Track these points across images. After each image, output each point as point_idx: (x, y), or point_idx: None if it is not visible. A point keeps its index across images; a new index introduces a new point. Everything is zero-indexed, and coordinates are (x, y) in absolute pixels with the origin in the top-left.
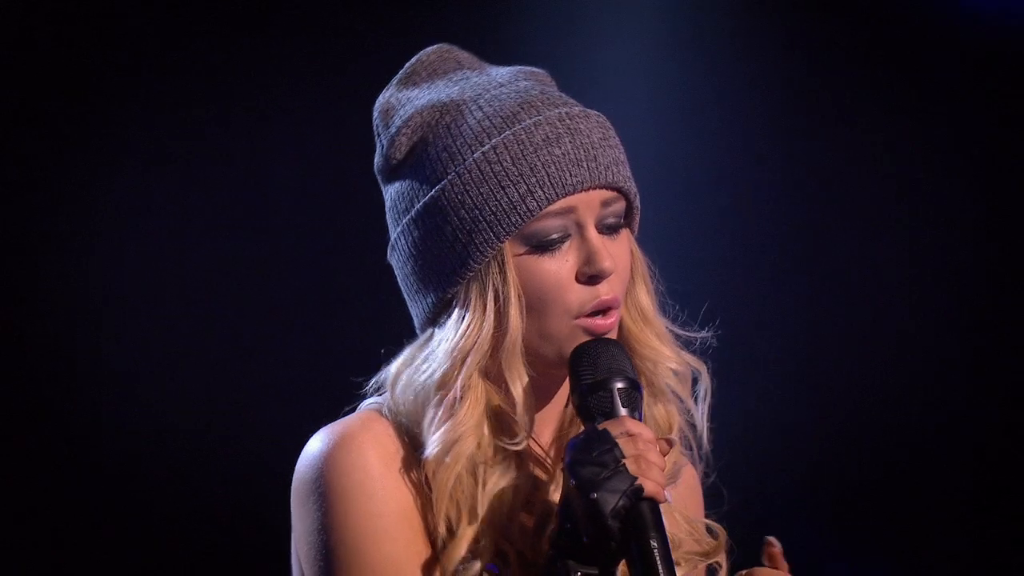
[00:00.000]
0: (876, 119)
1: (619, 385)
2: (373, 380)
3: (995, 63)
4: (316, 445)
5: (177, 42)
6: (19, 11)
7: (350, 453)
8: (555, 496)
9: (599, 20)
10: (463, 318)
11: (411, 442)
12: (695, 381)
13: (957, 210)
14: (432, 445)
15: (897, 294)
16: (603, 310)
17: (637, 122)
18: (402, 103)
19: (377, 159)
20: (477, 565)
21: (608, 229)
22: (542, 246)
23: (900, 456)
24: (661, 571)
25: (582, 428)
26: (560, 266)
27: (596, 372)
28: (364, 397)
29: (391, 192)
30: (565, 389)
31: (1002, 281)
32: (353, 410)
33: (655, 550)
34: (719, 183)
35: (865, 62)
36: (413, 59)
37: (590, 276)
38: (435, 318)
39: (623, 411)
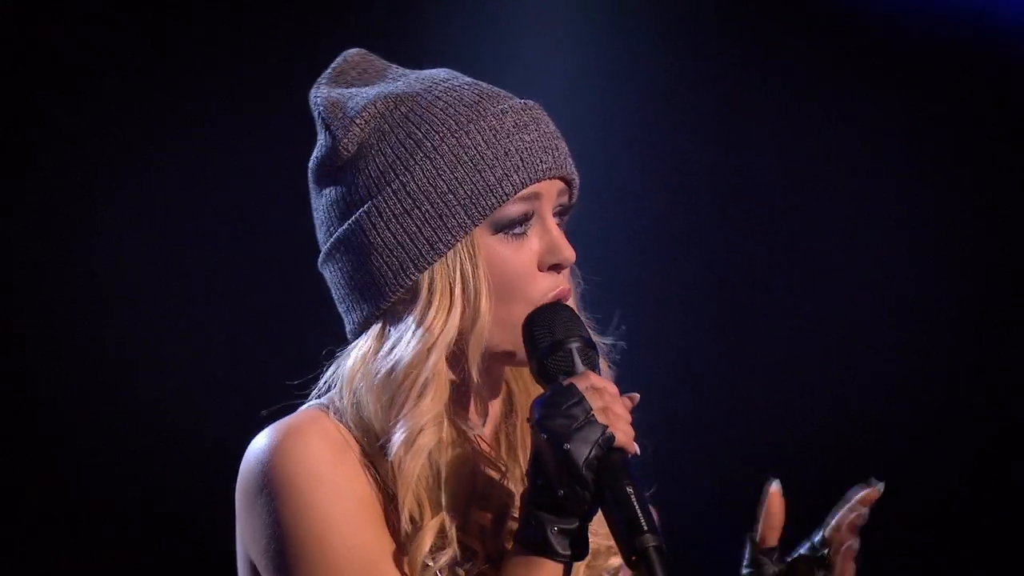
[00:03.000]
0: (801, 116)
1: (576, 344)
2: (323, 380)
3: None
4: (262, 441)
5: (177, 42)
6: (19, 11)
7: (299, 443)
8: (506, 493)
9: (515, 22)
10: (430, 305)
11: (362, 438)
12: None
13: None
14: (398, 434)
15: (828, 298)
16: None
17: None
18: (346, 97)
19: (321, 155)
20: (447, 554)
21: (560, 220)
22: (508, 232)
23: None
24: (641, 516)
25: (516, 423)
26: (525, 254)
27: (553, 334)
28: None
29: (334, 190)
30: (497, 387)
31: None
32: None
33: (631, 496)
34: (644, 186)
35: (789, 60)
36: (338, 59)
37: (552, 265)
38: (389, 311)
39: (583, 368)
